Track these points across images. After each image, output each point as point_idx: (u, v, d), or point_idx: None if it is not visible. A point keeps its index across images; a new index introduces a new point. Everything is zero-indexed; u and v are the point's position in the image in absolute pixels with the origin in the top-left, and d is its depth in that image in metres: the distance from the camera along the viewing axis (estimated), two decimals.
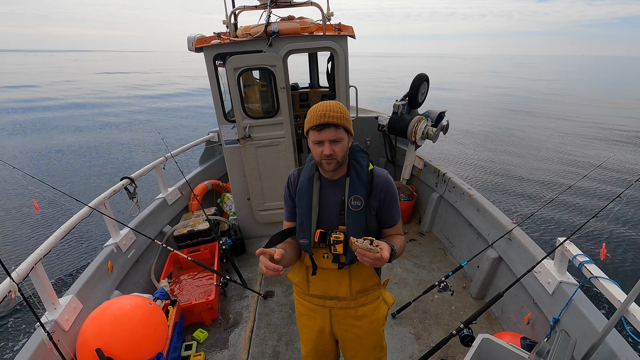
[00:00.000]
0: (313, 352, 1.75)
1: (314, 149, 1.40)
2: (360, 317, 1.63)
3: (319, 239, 1.47)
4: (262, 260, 1.28)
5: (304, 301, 1.69)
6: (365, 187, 1.45)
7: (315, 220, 1.48)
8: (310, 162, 1.54)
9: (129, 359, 2.10)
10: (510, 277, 2.72)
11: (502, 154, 10.75)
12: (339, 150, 1.37)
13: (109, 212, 2.97)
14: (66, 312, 2.25)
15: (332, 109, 1.34)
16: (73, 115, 19.05)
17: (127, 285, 3.01)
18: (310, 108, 1.39)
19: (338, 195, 1.48)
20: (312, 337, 1.71)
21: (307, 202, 1.49)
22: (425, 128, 4.22)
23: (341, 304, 1.60)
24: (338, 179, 1.49)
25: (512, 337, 2.06)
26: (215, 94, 3.60)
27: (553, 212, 6.63)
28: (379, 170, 1.51)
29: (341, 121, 1.35)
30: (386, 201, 1.49)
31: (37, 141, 13.77)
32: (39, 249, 2.15)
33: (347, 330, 1.65)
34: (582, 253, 2.03)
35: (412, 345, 2.64)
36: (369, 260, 1.24)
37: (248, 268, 3.71)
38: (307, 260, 1.58)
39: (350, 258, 1.47)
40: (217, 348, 2.72)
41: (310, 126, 1.36)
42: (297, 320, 1.79)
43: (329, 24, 3.50)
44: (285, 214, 1.65)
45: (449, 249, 3.83)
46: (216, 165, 5.29)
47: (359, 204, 1.44)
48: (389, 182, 1.50)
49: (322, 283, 1.59)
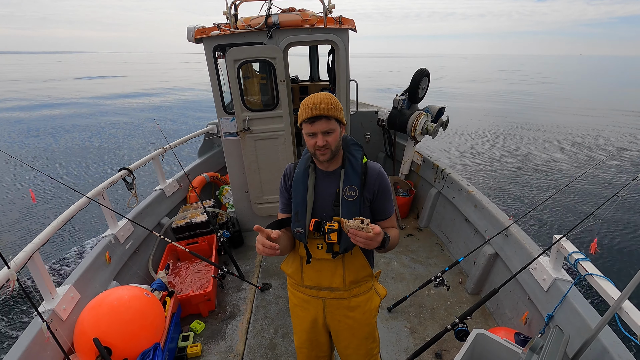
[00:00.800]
0: (307, 342, 1.77)
1: (307, 140, 1.43)
2: (353, 308, 1.65)
3: (314, 228, 1.49)
4: (259, 238, 1.30)
5: (297, 292, 1.71)
6: (359, 178, 1.48)
7: (310, 210, 1.51)
8: (306, 154, 1.58)
9: (126, 348, 2.12)
10: (506, 273, 2.74)
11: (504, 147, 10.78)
12: (332, 140, 1.41)
13: (107, 203, 2.96)
14: (64, 301, 2.26)
15: (322, 101, 1.37)
16: (68, 113, 19.04)
17: (124, 276, 3.02)
18: (302, 101, 1.43)
19: (333, 187, 1.51)
20: (306, 328, 1.73)
21: (302, 193, 1.52)
22: (425, 123, 4.21)
23: (334, 295, 1.63)
24: (333, 171, 1.53)
25: (506, 332, 2.08)
26: (215, 85, 3.58)
27: (550, 209, 6.66)
28: (373, 164, 1.55)
29: (332, 112, 1.38)
30: (379, 193, 1.53)
31: (37, 136, 13.75)
32: (37, 238, 2.15)
33: (340, 321, 1.68)
34: (577, 250, 2.04)
35: (407, 339, 2.67)
36: (362, 239, 1.26)
37: (246, 261, 3.72)
38: (302, 251, 1.61)
39: (344, 246, 1.50)
40: (214, 339, 2.74)
41: (303, 119, 1.40)
42: (291, 312, 1.82)
43: (330, 17, 3.47)
44: (280, 205, 1.68)
45: (446, 245, 3.85)
46: (215, 157, 5.28)
47: (354, 194, 1.47)
48: (382, 174, 1.54)
49: (316, 274, 1.61)
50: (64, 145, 12.30)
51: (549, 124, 15.38)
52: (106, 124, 16.33)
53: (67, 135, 13.86)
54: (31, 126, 15.56)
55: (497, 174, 8.76)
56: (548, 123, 15.75)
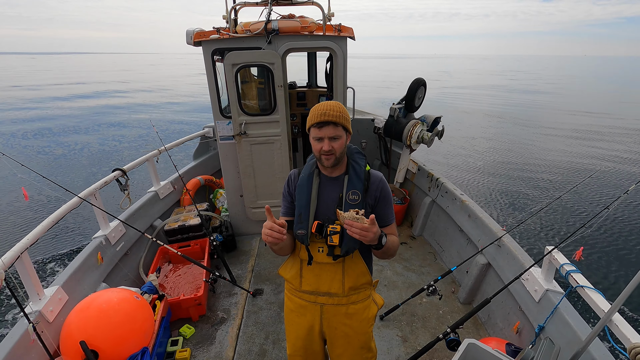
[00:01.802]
0: (301, 350, 1.75)
1: (314, 144, 1.49)
2: (351, 315, 1.65)
3: (316, 230, 1.52)
4: (267, 223, 1.35)
5: (295, 297, 1.70)
6: (362, 184, 1.54)
7: (313, 213, 1.55)
8: (311, 160, 1.63)
9: (114, 352, 2.08)
10: (498, 284, 2.75)
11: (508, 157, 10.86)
12: (338, 146, 1.47)
13: (99, 204, 2.93)
14: (51, 303, 2.22)
15: (332, 108, 1.44)
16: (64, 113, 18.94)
17: (114, 278, 2.98)
18: (313, 107, 1.49)
19: (336, 192, 1.55)
20: (302, 335, 1.71)
21: (306, 196, 1.56)
22: (421, 132, 4.24)
23: (333, 300, 1.63)
24: (337, 177, 1.58)
25: (497, 342, 2.08)
26: (212, 89, 3.58)
27: (543, 220, 6.71)
28: (375, 172, 1.61)
29: (340, 120, 1.44)
30: (381, 199, 1.58)
31: (33, 135, 13.63)
32: (26, 238, 2.12)
33: (336, 328, 1.67)
34: (569, 262, 2.06)
35: (398, 347, 2.65)
36: (357, 230, 1.30)
37: (238, 265, 3.69)
38: (303, 253, 1.62)
39: (345, 249, 1.52)
40: (204, 344, 2.70)
41: (312, 123, 1.46)
42: (285, 318, 1.80)
43: (329, 24, 3.50)
44: (282, 209, 1.70)
45: (439, 254, 3.86)
46: (210, 160, 5.26)
47: (356, 198, 1.52)
48: (383, 181, 1.60)
49: (315, 278, 1.62)
50: (64, 146, 12.21)
51: (550, 126, 15.54)
52: (105, 124, 16.26)
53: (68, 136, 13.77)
54: (28, 127, 15.42)
55: (491, 184, 8.83)
56: (549, 125, 15.92)
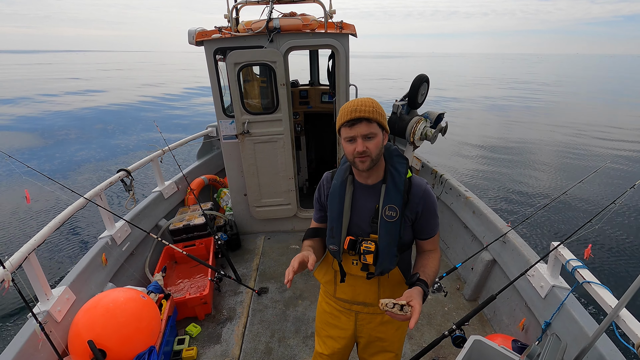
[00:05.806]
0: (329, 350, 1.70)
1: (346, 147, 1.32)
2: (386, 323, 1.60)
3: (349, 247, 1.40)
4: (293, 262, 1.29)
5: (330, 301, 1.67)
6: (401, 197, 1.36)
7: (346, 227, 1.42)
8: (345, 164, 1.46)
9: (121, 351, 2.10)
10: (504, 280, 2.73)
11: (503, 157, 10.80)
12: (373, 146, 1.28)
13: (104, 204, 2.95)
14: (59, 303, 2.24)
15: (364, 103, 1.27)
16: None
17: (120, 278, 3.00)
18: (342, 106, 1.33)
19: (372, 202, 1.40)
20: (333, 335, 1.68)
21: (338, 207, 1.42)
22: (424, 129, 4.22)
23: (368, 310, 1.58)
24: (373, 185, 1.41)
25: (503, 339, 2.07)
26: (215, 88, 3.59)
27: (548, 216, 6.67)
28: (418, 180, 1.42)
29: (374, 115, 1.26)
30: (424, 213, 1.41)
31: (34, 134, 13.73)
32: (33, 239, 2.14)
33: (370, 335, 1.63)
34: (575, 258, 2.05)
35: (404, 344, 2.65)
36: (400, 319, 1.19)
37: (243, 264, 3.71)
38: (335, 265, 1.55)
39: (380, 269, 1.41)
40: (210, 343, 2.72)
41: (342, 122, 1.29)
42: (318, 315, 1.75)
43: (331, 22, 3.49)
44: (314, 214, 1.62)
45: (444, 250, 3.85)
46: (214, 160, 5.27)
47: (394, 215, 1.36)
48: (427, 192, 1.40)
49: (350, 288, 1.56)
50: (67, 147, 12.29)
51: (549, 126, 15.44)
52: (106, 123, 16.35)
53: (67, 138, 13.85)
54: (28, 127, 15.54)
55: (496, 180, 8.78)
56: (550, 123, 15.81)
